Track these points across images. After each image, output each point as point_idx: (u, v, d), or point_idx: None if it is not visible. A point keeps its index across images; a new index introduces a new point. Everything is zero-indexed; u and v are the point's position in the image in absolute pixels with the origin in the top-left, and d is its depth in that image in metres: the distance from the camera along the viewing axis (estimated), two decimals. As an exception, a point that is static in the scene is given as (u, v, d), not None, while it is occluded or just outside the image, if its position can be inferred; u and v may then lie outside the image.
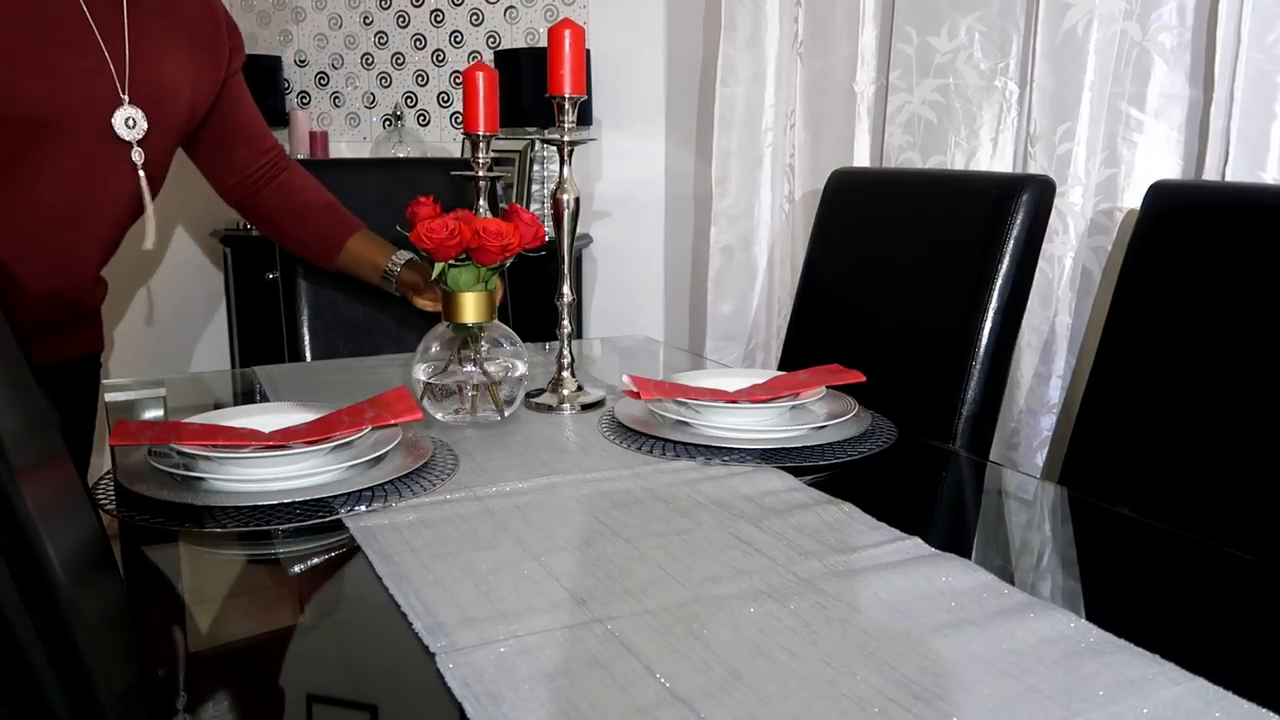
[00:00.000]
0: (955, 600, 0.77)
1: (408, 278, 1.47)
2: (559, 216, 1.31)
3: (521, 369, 1.26)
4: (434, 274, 1.20)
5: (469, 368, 1.23)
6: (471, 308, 1.21)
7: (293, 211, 1.56)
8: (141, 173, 1.35)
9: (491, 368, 1.24)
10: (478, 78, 1.31)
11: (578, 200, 1.31)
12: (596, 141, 2.90)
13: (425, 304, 1.46)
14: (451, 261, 1.19)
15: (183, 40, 1.38)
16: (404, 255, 1.49)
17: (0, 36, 1.20)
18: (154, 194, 1.39)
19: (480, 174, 1.34)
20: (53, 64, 1.24)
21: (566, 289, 1.34)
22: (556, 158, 1.34)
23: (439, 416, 1.23)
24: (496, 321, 1.25)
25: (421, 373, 1.24)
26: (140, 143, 1.33)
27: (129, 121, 1.31)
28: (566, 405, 1.31)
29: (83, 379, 1.47)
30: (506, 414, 1.25)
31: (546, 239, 1.26)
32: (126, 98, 1.30)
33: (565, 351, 1.35)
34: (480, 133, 1.33)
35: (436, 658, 0.68)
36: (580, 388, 1.35)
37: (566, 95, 1.25)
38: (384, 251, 1.50)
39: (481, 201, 1.36)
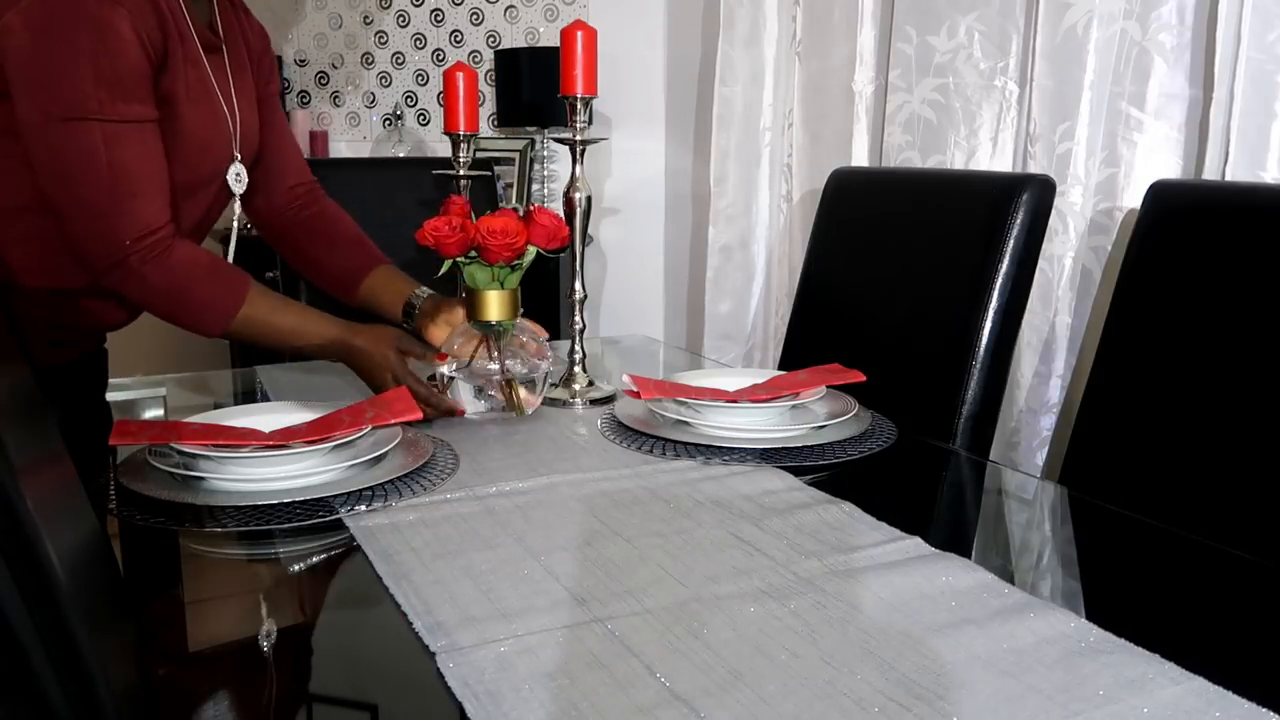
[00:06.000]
0: (955, 600, 0.77)
1: (428, 307, 1.40)
2: (571, 215, 1.32)
3: (544, 368, 1.25)
4: (441, 269, 1.20)
5: (491, 365, 1.23)
6: (492, 306, 1.21)
7: (317, 243, 1.50)
8: (235, 224, 1.37)
9: (515, 365, 1.24)
10: (458, 78, 1.34)
11: (589, 199, 1.33)
12: (599, 141, 2.91)
13: (434, 335, 1.39)
14: (464, 259, 1.19)
15: (250, 79, 1.37)
16: (427, 290, 1.41)
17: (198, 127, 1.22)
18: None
19: (462, 172, 1.36)
20: (205, 139, 1.25)
21: (579, 285, 1.35)
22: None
23: (469, 412, 1.24)
24: (524, 322, 1.24)
25: (446, 367, 1.24)
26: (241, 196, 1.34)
27: (237, 176, 1.32)
28: (577, 400, 1.33)
29: (89, 375, 1.45)
30: (528, 413, 1.25)
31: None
32: (239, 155, 1.31)
33: (578, 347, 1.36)
34: (461, 132, 1.34)
35: (436, 657, 0.68)
36: (591, 383, 1.36)
37: (579, 95, 1.26)
38: (408, 285, 1.43)
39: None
